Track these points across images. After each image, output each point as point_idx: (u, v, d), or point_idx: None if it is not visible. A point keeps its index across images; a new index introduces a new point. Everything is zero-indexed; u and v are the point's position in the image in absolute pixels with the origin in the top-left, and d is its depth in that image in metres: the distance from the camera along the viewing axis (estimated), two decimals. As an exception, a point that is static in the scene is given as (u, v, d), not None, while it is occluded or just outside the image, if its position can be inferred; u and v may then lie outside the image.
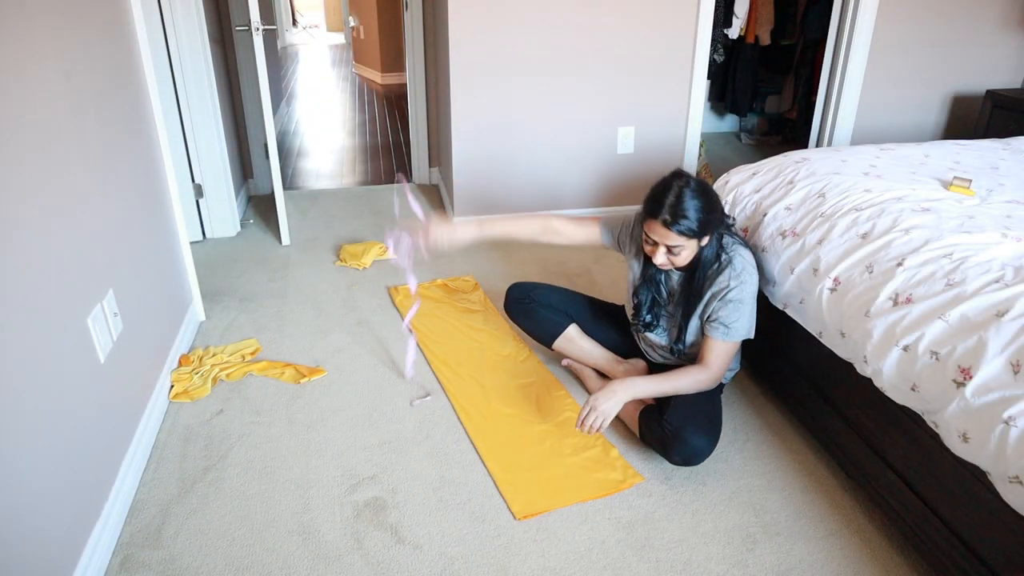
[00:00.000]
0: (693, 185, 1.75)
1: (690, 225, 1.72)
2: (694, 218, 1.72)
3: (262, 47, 3.03)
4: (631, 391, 1.83)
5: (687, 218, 1.71)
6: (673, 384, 1.85)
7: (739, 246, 1.87)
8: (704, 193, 1.75)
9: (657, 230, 1.75)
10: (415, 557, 1.62)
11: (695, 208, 1.72)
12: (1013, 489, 1.27)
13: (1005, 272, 1.47)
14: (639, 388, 1.84)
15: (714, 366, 1.86)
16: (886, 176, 2.05)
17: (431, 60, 3.89)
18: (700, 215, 1.73)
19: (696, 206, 1.72)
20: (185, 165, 3.20)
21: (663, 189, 1.76)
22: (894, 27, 3.44)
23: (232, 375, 2.28)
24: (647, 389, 1.85)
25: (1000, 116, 3.43)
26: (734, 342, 1.86)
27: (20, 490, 1.29)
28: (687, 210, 1.71)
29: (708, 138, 5.06)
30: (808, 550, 1.64)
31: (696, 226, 1.73)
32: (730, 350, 1.87)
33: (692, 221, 1.72)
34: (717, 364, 1.86)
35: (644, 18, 3.18)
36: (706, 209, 1.74)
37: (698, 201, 1.73)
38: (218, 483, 1.84)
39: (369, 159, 4.84)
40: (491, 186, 3.38)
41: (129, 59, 2.16)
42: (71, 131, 1.67)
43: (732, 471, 1.89)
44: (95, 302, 1.70)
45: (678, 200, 1.72)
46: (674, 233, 1.73)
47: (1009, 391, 1.29)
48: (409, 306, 2.71)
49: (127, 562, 1.61)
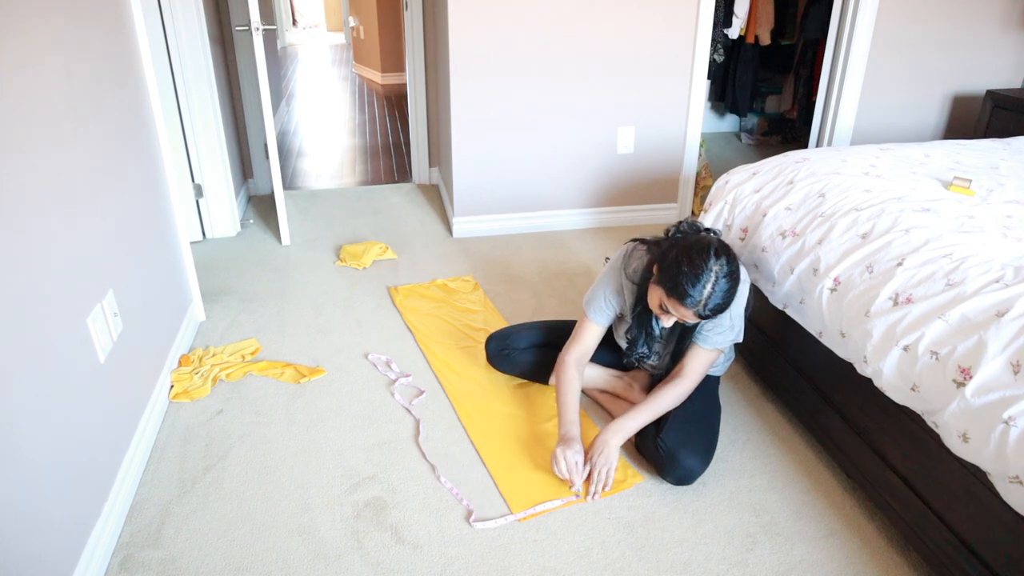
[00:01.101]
0: (728, 272, 1.64)
1: (720, 307, 1.66)
2: (722, 305, 1.66)
3: (262, 47, 3.03)
4: (622, 435, 1.82)
5: (719, 303, 1.65)
6: (658, 408, 1.85)
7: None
8: (735, 282, 1.67)
9: (681, 311, 1.67)
10: (415, 557, 1.62)
11: (727, 294, 1.65)
12: (1013, 489, 1.27)
13: (1005, 272, 1.47)
14: (629, 427, 1.83)
15: (694, 375, 1.86)
16: (886, 176, 2.05)
17: (431, 60, 3.89)
18: (728, 297, 1.66)
19: (729, 291, 1.65)
20: (185, 165, 3.20)
21: (699, 275, 1.62)
22: (894, 27, 3.44)
23: (232, 375, 2.28)
24: (636, 424, 1.84)
25: (1000, 116, 3.43)
26: (716, 351, 1.87)
27: (20, 490, 1.29)
28: (720, 301, 1.65)
29: (708, 138, 5.07)
30: (808, 550, 1.64)
31: (723, 306, 1.67)
32: (711, 359, 1.88)
33: (722, 303, 1.66)
34: (696, 373, 1.87)
35: (644, 18, 3.18)
36: (733, 290, 1.67)
37: (732, 290, 1.66)
38: (218, 483, 1.84)
39: (369, 159, 4.84)
40: (491, 186, 3.38)
41: (129, 59, 2.16)
42: (71, 131, 1.67)
43: (732, 471, 1.89)
44: (95, 302, 1.70)
45: (714, 292, 1.63)
46: (700, 318, 1.68)
47: (1009, 391, 1.29)
48: (411, 308, 2.71)
49: (127, 562, 1.61)
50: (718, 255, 1.64)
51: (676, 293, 1.65)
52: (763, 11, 4.43)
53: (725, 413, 2.10)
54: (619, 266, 1.92)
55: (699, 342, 1.85)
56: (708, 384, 1.98)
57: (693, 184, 3.60)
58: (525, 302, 2.78)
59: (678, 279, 1.64)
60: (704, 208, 2.34)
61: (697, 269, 1.62)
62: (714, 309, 1.65)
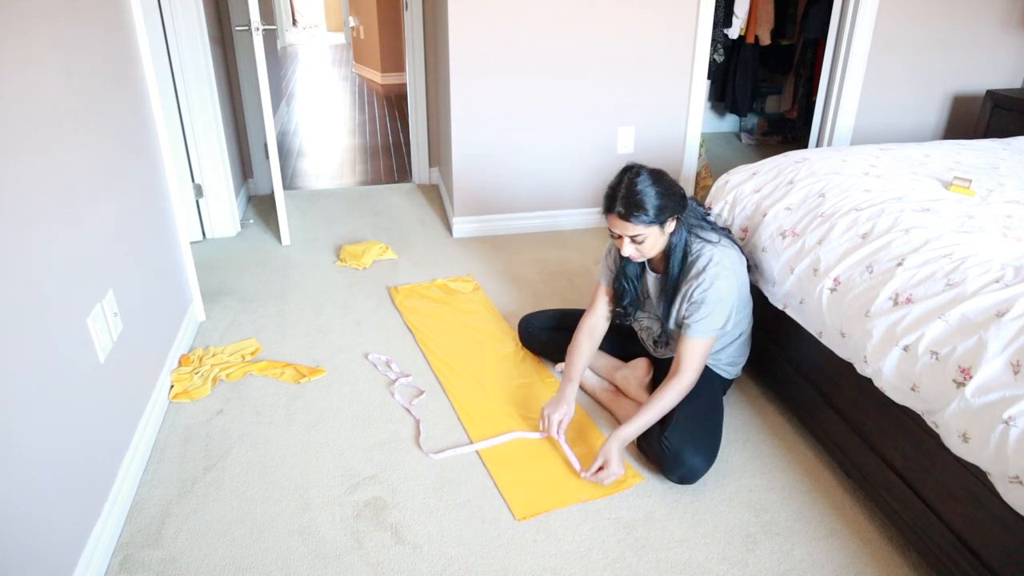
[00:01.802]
0: (644, 174, 1.77)
1: (645, 212, 1.74)
2: (648, 204, 1.74)
3: (262, 47, 3.03)
4: (622, 439, 1.83)
5: (640, 206, 1.74)
6: (658, 411, 1.85)
7: (709, 245, 1.85)
8: (657, 180, 1.77)
9: (616, 223, 1.79)
10: (415, 557, 1.62)
11: (648, 195, 1.75)
12: (1013, 489, 1.27)
13: (1005, 272, 1.47)
14: (628, 433, 1.84)
15: (690, 368, 1.86)
16: (886, 176, 2.05)
17: (431, 60, 3.89)
18: (655, 200, 1.75)
19: (649, 193, 1.75)
20: (185, 165, 3.20)
21: (616, 183, 1.79)
22: (894, 27, 3.44)
23: (232, 375, 2.28)
24: (636, 429, 1.85)
25: (1000, 116, 3.43)
26: (707, 339, 1.85)
27: (20, 490, 1.29)
28: (640, 198, 1.74)
29: (708, 138, 5.07)
30: (808, 550, 1.64)
31: (652, 212, 1.75)
32: (703, 348, 1.86)
33: (646, 208, 1.74)
34: (693, 365, 1.86)
35: (644, 18, 3.18)
36: (660, 195, 1.76)
37: (651, 188, 1.75)
38: (218, 483, 1.84)
39: (369, 159, 4.84)
40: (491, 186, 3.38)
41: (129, 59, 2.16)
42: (71, 131, 1.67)
43: (732, 471, 1.89)
44: (95, 302, 1.70)
45: (629, 190, 1.75)
46: (631, 223, 1.76)
47: (1009, 391, 1.29)
48: (411, 308, 2.72)
49: (127, 562, 1.61)
50: (629, 168, 1.80)
51: (604, 207, 1.81)
52: (763, 11, 4.43)
53: (725, 413, 2.10)
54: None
55: (685, 333, 1.86)
56: (713, 385, 1.98)
57: (693, 184, 3.60)
58: (525, 302, 2.78)
59: (604, 197, 1.82)
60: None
61: (613, 181, 1.80)
62: (630, 204, 1.74)
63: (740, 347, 2.04)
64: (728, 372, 2.04)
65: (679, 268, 1.87)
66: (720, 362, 2.01)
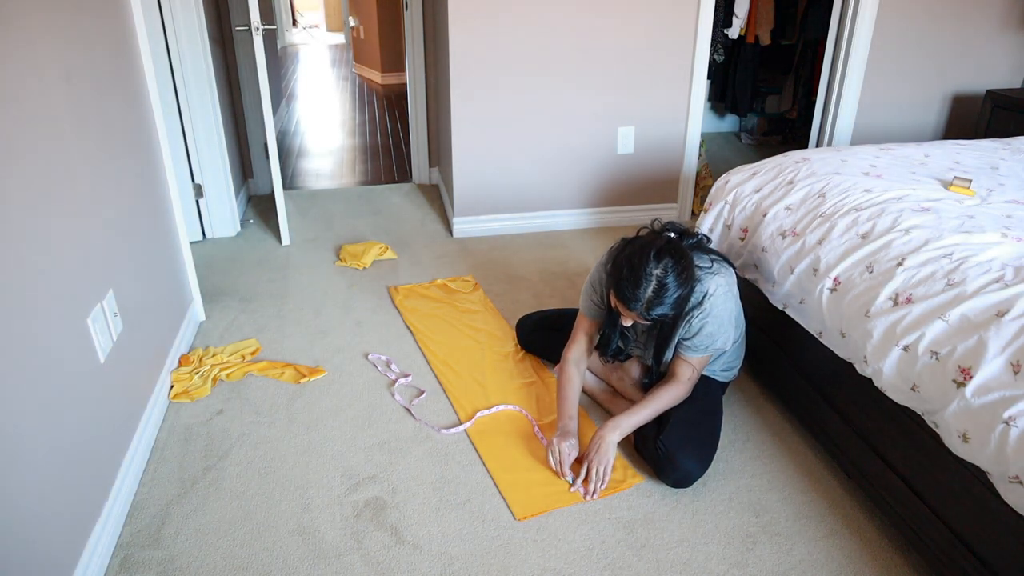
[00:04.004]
0: (671, 269, 1.62)
1: (666, 313, 1.68)
2: (671, 307, 1.66)
3: (262, 47, 3.03)
4: (619, 432, 1.83)
5: (663, 308, 1.66)
6: (654, 409, 1.86)
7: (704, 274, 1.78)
8: (681, 274, 1.64)
9: (626, 313, 1.71)
10: (415, 557, 1.62)
11: (673, 299, 1.65)
12: (1013, 489, 1.27)
13: (1005, 272, 1.47)
14: (625, 425, 1.84)
15: (686, 379, 1.87)
16: (886, 176, 2.05)
17: (431, 60, 3.89)
18: (677, 302, 1.67)
19: (674, 296, 1.65)
20: (185, 165, 3.20)
21: (638, 279, 1.62)
22: (894, 27, 3.44)
23: (232, 375, 2.28)
24: (633, 423, 1.85)
25: (1000, 116, 3.43)
26: (704, 356, 1.86)
27: (20, 490, 1.29)
28: (664, 303, 1.65)
29: (708, 138, 5.07)
30: (808, 550, 1.64)
31: (671, 312, 1.69)
32: (700, 364, 1.87)
33: (668, 309, 1.66)
34: (688, 378, 1.87)
35: (644, 18, 3.18)
36: (683, 294, 1.67)
37: (677, 291, 1.65)
38: (218, 483, 1.84)
39: (369, 159, 4.84)
40: (491, 186, 3.38)
41: (129, 59, 2.16)
42: (71, 132, 1.67)
43: (732, 471, 1.89)
44: (95, 302, 1.70)
45: (656, 295, 1.63)
46: (649, 320, 1.71)
47: (1009, 391, 1.29)
48: (411, 308, 2.72)
49: (127, 562, 1.61)
50: (659, 258, 1.63)
51: (619, 296, 1.68)
52: (763, 11, 4.43)
53: (725, 413, 2.10)
54: (603, 261, 1.94)
55: (683, 352, 1.85)
56: (712, 388, 1.98)
57: (693, 184, 3.60)
58: (525, 302, 2.78)
59: (620, 282, 1.67)
60: (704, 208, 2.34)
61: (636, 272, 1.63)
62: (658, 314, 1.65)
63: (735, 352, 2.03)
64: (724, 376, 2.03)
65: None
66: (715, 370, 2.00)
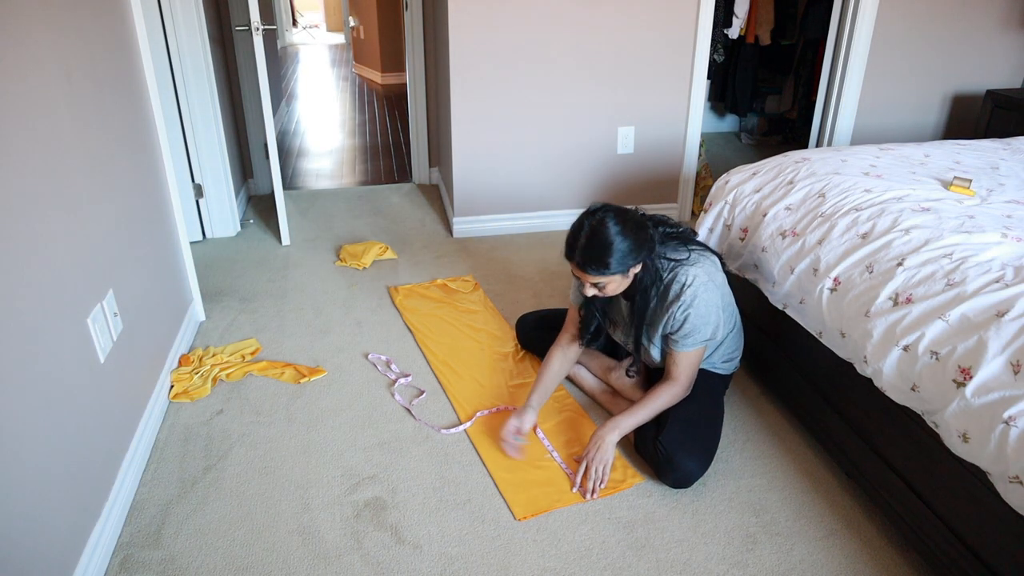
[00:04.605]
0: (608, 222, 1.66)
1: (606, 266, 1.68)
2: (610, 258, 1.67)
3: (262, 47, 3.03)
4: (618, 431, 1.84)
5: (601, 260, 1.67)
6: (652, 408, 1.87)
7: (680, 265, 1.80)
8: (623, 228, 1.67)
9: (576, 271, 1.74)
10: (415, 557, 1.62)
11: (610, 247, 1.66)
12: (1013, 489, 1.27)
13: (1005, 272, 1.47)
14: (624, 425, 1.85)
15: (683, 377, 1.87)
16: (886, 176, 2.05)
17: (431, 60, 3.89)
18: (619, 253, 1.67)
19: (612, 244, 1.66)
20: (185, 165, 3.20)
21: (576, 229, 1.70)
22: (894, 27, 3.44)
23: (232, 375, 2.28)
24: (632, 423, 1.86)
25: (1000, 116, 3.43)
26: (696, 350, 1.85)
27: (20, 490, 1.29)
28: (600, 252, 1.66)
29: (708, 138, 5.06)
30: (808, 550, 1.64)
31: (613, 265, 1.68)
32: (695, 358, 1.86)
33: (607, 262, 1.67)
34: (686, 374, 1.87)
35: (644, 18, 3.18)
36: (624, 247, 1.67)
37: (616, 238, 1.66)
38: (218, 483, 1.84)
39: (369, 159, 4.84)
40: (491, 186, 3.38)
41: (129, 59, 2.16)
42: (71, 132, 1.67)
43: (732, 471, 1.89)
44: (95, 302, 1.70)
45: (589, 242, 1.66)
46: (591, 275, 1.71)
47: (1009, 391, 1.29)
48: (411, 308, 2.71)
49: (127, 562, 1.61)
50: (594, 212, 1.70)
51: (567, 254, 1.73)
52: (763, 11, 4.43)
53: (725, 413, 2.10)
54: None
55: (674, 348, 1.85)
56: (712, 386, 1.98)
57: (693, 184, 3.60)
58: (525, 302, 2.78)
59: (566, 242, 1.73)
60: (704, 208, 2.34)
61: (574, 226, 1.72)
62: (589, 260, 1.67)
63: (731, 343, 2.01)
64: (725, 369, 2.03)
65: (655, 299, 1.82)
66: (715, 362, 2.00)
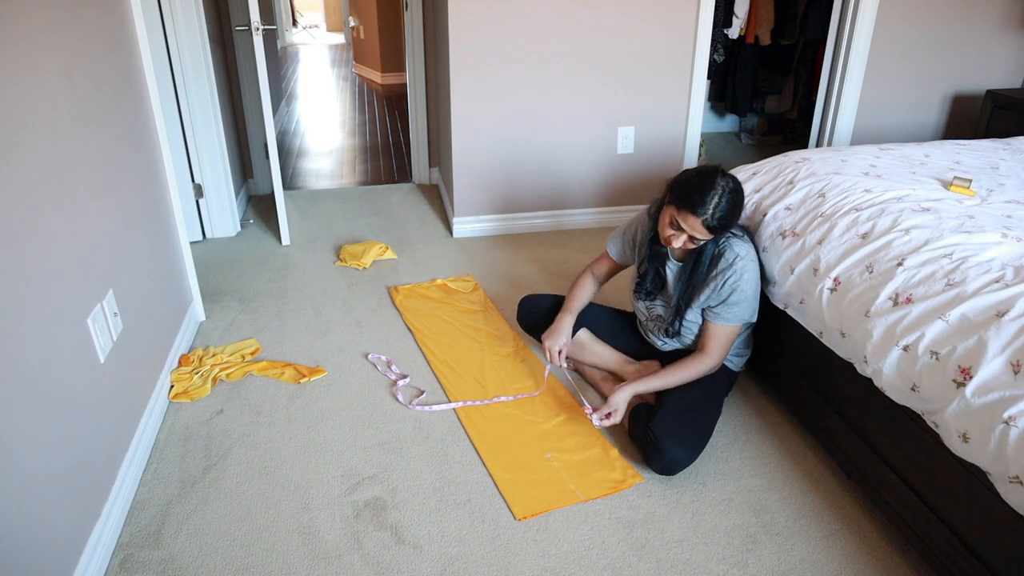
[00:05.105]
0: (733, 188, 1.79)
1: (725, 227, 1.79)
2: (729, 222, 1.80)
3: (262, 47, 3.03)
4: (630, 389, 1.91)
5: (725, 221, 1.78)
6: (679, 376, 1.92)
7: (734, 239, 1.91)
8: (739, 200, 1.81)
9: (691, 222, 1.78)
10: (415, 557, 1.62)
11: (737, 213, 1.81)
12: (1013, 489, 1.27)
13: (1005, 272, 1.47)
14: (640, 388, 1.92)
15: (715, 352, 1.93)
16: (886, 176, 2.05)
17: (431, 60, 3.89)
18: (733, 220, 1.81)
19: (734, 212, 1.79)
20: (185, 165, 3.20)
21: (708, 187, 1.77)
22: (894, 27, 3.44)
23: (232, 375, 2.28)
24: (654, 384, 1.93)
25: (1000, 116, 3.43)
26: (735, 326, 1.91)
27: (20, 490, 1.29)
28: (727, 214, 1.77)
29: (708, 138, 5.07)
30: (808, 550, 1.64)
31: (729, 227, 1.81)
32: (731, 334, 1.93)
33: (728, 223, 1.79)
34: (718, 350, 1.93)
35: (644, 18, 3.18)
36: (737, 215, 1.82)
37: (736, 208, 1.80)
38: (218, 483, 1.84)
39: (369, 159, 4.84)
40: (491, 186, 3.38)
41: (129, 60, 2.16)
42: (71, 132, 1.67)
43: (732, 471, 1.89)
44: (95, 302, 1.70)
45: (720, 202, 1.76)
46: (707, 230, 1.78)
47: (1009, 391, 1.29)
48: (411, 308, 2.72)
49: (127, 562, 1.61)
50: (724, 175, 1.80)
51: (688, 204, 1.77)
52: (763, 11, 4.43)
53: (725, 413, 2.10)
54: (645, 209, 2.07)
55: (711, 319, 1.91)
56: (717, 380, 1.99)
57: (693, 184, 3.59)
58: (525, 302, 2.78)
59: (689, 192, 1.78)
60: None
61: (706, 182, 1.78)
62: (720, 220, 1.77)
63: (746, 339, 2.09)
64: (734, 364, 2.07)
65: (708, 264, 1.91)
66: (729, 353, 2.02)
